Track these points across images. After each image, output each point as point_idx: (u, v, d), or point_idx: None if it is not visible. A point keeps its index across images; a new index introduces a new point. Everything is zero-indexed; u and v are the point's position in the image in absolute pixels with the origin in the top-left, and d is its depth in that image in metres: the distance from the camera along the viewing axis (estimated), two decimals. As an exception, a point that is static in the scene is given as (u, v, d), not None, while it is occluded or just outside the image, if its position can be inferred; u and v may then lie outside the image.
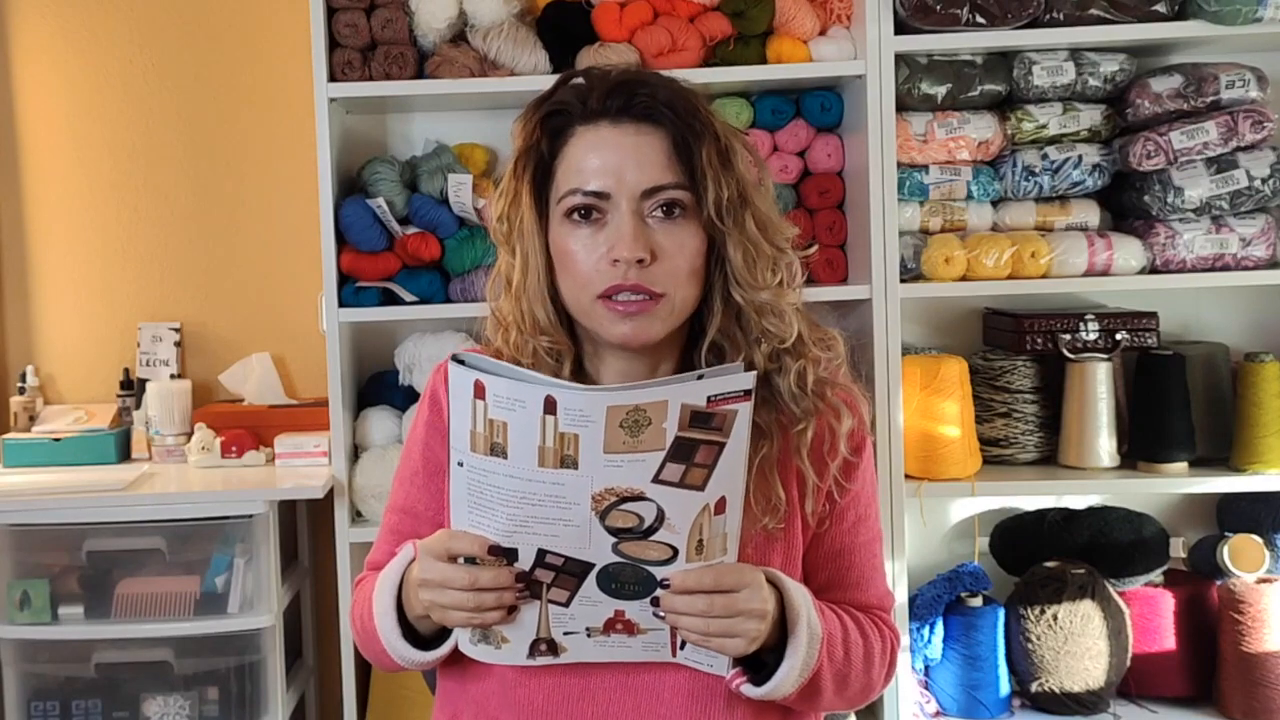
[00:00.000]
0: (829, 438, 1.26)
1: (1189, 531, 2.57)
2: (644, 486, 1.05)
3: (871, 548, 1.33)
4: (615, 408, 1.02)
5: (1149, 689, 2.45)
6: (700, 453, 1.05)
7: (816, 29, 2.45)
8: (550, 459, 1.05)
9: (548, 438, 1.04)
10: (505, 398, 1.04)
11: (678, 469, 1.05)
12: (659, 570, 1.10)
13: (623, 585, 1.11)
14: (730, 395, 1.03)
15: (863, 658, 1.26)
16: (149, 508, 2.34)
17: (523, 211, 1.23)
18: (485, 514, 1.10)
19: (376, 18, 2.41)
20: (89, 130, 2.81)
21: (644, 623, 1.13)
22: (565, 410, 1.03)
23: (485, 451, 1.07)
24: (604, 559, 1.09)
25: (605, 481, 1.05)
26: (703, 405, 1.03)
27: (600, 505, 1.06)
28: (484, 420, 1.06)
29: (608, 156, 1.19)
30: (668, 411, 1.02)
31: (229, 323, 2.83)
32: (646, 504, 1.06)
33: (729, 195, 1.19)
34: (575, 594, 1.12)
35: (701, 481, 1.06)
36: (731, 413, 1.04)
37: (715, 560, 1.10)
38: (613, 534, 1.08)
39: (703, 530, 1.08)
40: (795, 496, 1.26)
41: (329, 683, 2.76)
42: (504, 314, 1.26)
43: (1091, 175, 2.44)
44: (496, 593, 1.11)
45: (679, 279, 1.19)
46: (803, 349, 1.24)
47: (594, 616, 1.13)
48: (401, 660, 1.25)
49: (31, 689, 2.38)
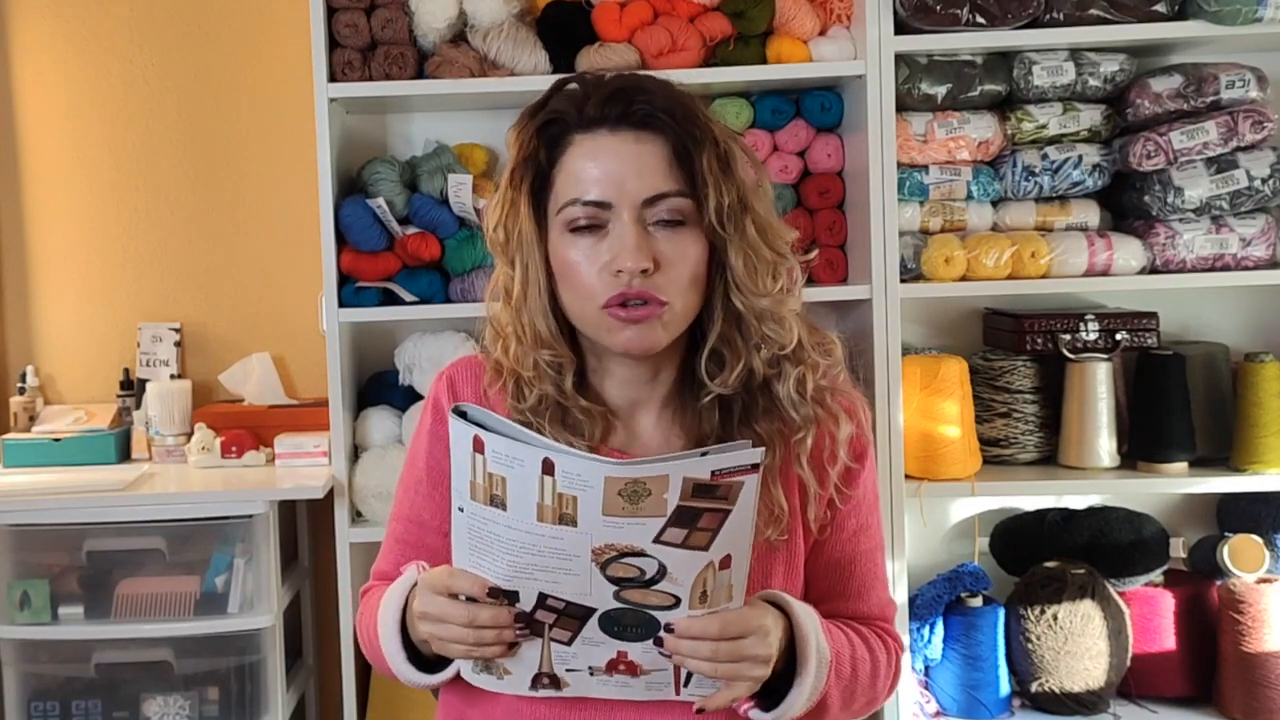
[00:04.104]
0: (829, 445, 1.26)
1: (1189, 531, 2.57)
2: (644, 545, 1.04)
3: (873, 557, 1.32)
4: (613, 479, 1.01)
5: (1149, 689, 2.45)
6: (704, 519, 1.03)
7: (816, 29, 2.45)
8: (549, 516, 1.04)
9: (546, 496, 1.03)
10: (504, 455, 1.03)
11: (680, 533, 1.03)
12: (662, 615, 1.08)
13: (625, 628, 1.09)
14: (736, 470, 1.02)
15: (869, 673, 1.25)
16: (149, 508, 2.34)
17: (521, 223, 1.21)
18: (486, 558, 1.09)
19: (376, 18, 2.40)
20: (89, 130, 2.81)
21: (646, 664, 1.12)
22: (563, 473, 1.02)
23: (485, 502, 1.06)
24: (605, 604, 1.08)
25: (604, 539, 1.04)
26: (706, 479, 1.01)
27: (601, 558, 1.05)
28: (483, 473, 1.05)
29: (608, 165, 1.17)
30: (669, 484, 1.01)
31: (229, 323, 2.83)
32: (648, 560, 1.05)
33: (730, 202, 1.18)
34: (577, 635, 1.11)
35: (706, 543, 1.04)
36: (738, 484, 1.02)
37: (720, 608, 1.09)
38: (614, 583, 1.06)
39: (707, 584, 1.07)
40: (797, 505, 1.26)
41: (329, 683, 2.76)
42: (502, 325, 1.25)
43: (1091, 175, 2.43)
44: (496, 630, 1.10)
45: (682, 286, 1.18)
46: (802, 355, 1.23)
47: (596, 656, 1.12)
48: (406, 681, 1.24)
49: (31, 689, 2.38)
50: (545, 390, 1.23)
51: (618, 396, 1.27)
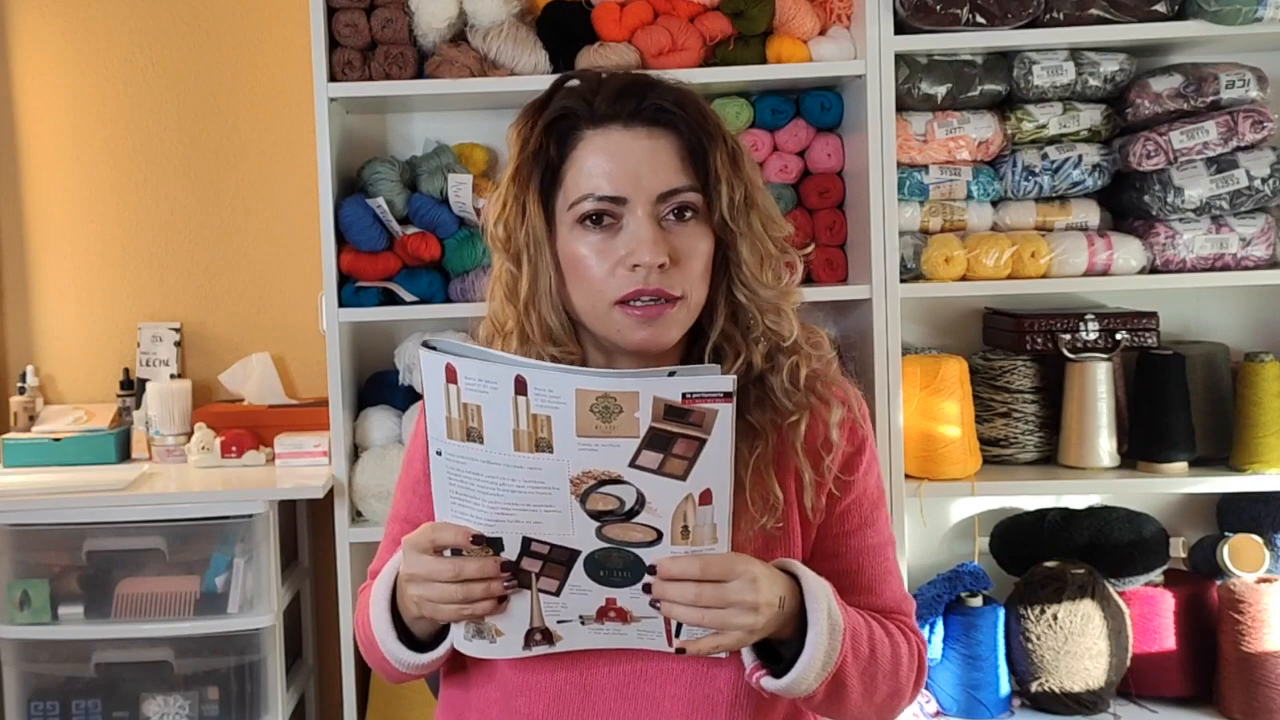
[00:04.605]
0: (823, 430, 1.26)
1: (1189, 531, 2.57)
2: (621, 470, 1.05)
3: (883, 551, 1.32)
4: (584, 391, 1.02)
5: (1149, 689, 2.45)
6: (678, 444, 1.04)
7: (816, 29, 2.45)
8: (525, 443, 1.05)
9: (521, 420, 1.04)
10: (477, 379, 1.04)
11: (655, 457, 1.05)
12: (645, 553, 1.09)
13: (611, 572, 1.11)
14: (708, 395, 1.03)
15: (890, 658, 1.23)
16: (149, 508, 2.34)
17: (529, 219, 1.20)
18: (467, 504, 1.09)
19: (376, 18, 2.40)
20: (89, 130, 2.81)
21: (636, 610, 1.13)
22: (535, 390, 1.03)
23: (462, 437, 1.06)
24: (588, 545, 1.09)
25: (581, 465, 1.05)
26: (677, 401, 1.03)
27: (579, 489, 1.06)
28: (458, 405, 1.05)
29: (622, 160, 1.18)
30: (639, 402, 1.02)
31: (229, 323, 2.83)
32: (625, 487, 1.06)
33: (740, 197, 1.20)
34: (565, 582, 1.12)
35: (682, 472, 1.06)
36: (711, 412, 1.03)
37: (704, 548, 1.09)
38: (594, 518, 1.08)
39: (687, 517, 1.08)
40: (793, 494, 1.26)
41: (329, 683, 2.76)
42: (504, 322, 1.24)
43: (1091, 175, 2.43)
44: (484, 583, 1.10)
45: (695, 281, 1.19)
46: (796, 347, 1.24)
47: (586, 605, 1.13)
48: (400, 664, 1.24)
49: (31, 689, 2.38)
50: None
51: None
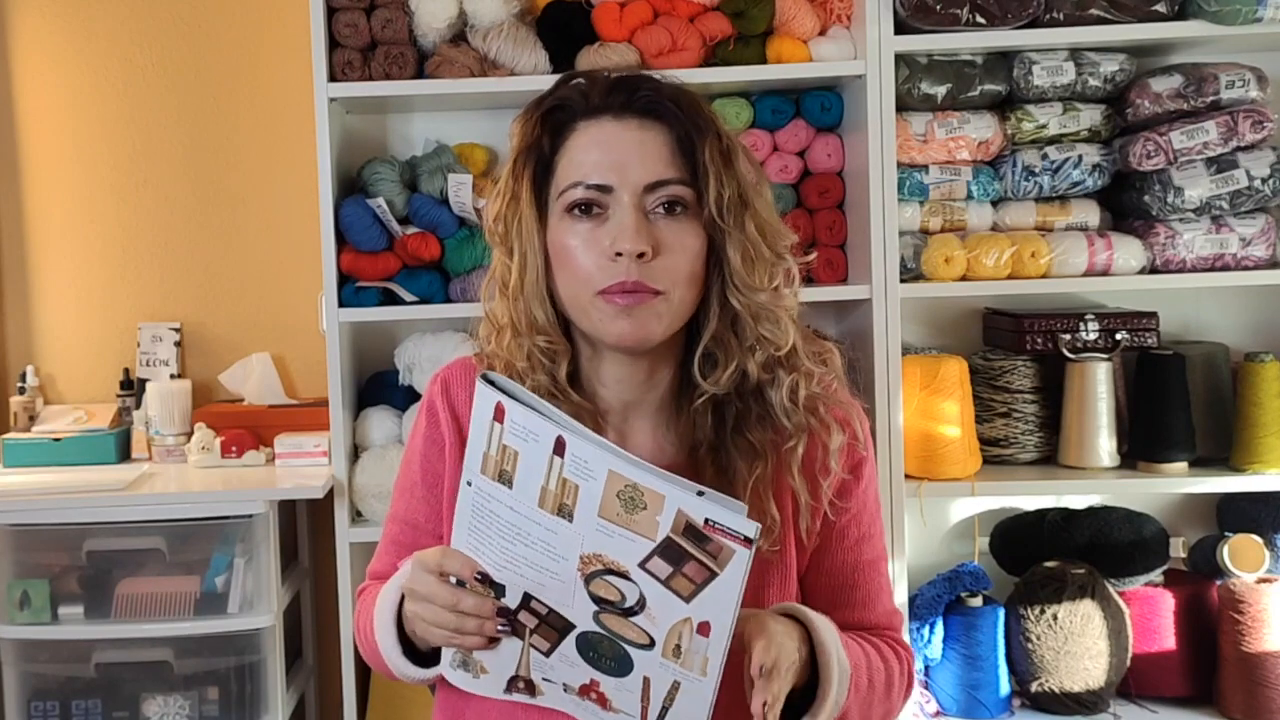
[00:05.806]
0: (821, 455, 1.25)
1: (1189, 531, 2.57)
2: (630, 567, 1.05)
3: (877, 566, 1.32)
4: (615, 475, 1.02)
5: (1149, 689, 2.45)
6: (690, 566, 1.03)
7: (816, 29, 2.45)
8: (550, 502, 1.05)
9: (552, 479, 1.04)
10: (521, 427, 1.04)
11: (665, 567, 1.04)
12: (636, 654, 1.08)
13: (600, 658, 1.10)
14: (728, 531, 1.02)
15: (885, 684, 1.25)
16: (149, 508, 2.34)
17: (522, 209, 1.21)
18: (482, 541, 1.09)
19: (376, 18, 2.40)
20: (89, 130, 2.81)
21: (617, 701, 1.12)
22: (572, 456, 1.03)
23: (494, 476, 1.06)
24: (584, 624, 1.09)
25: (595, 546, 1.05)
26: (699, 524, 1.02)
27: (586, 568, 1.06)
28: (498, 445, 1.06)
29: (611, 150, 1.18)
30: (663, 507, 1.02)
31: (229, 323, 2.83)
32: (631, 585, 1.05)
33: (730, 194, 1.18)
34: (556, 648, 1.11)
35: (688, 594, 1.04)
36: (729, 550, 1.02)
37: (691, 674, 1.08)
38: (595, 602, 1.07)
39: (682, 638, 1.06)
40: (789, 516, 1.25)
41: (329, 683, 2.76)
42: (498, 317, 1.25)
43: (1091, 175, 2.43)
44: (478, 620, 1.10)
45: (678, 277, 1.18)
46: (796, 361, 1.23)
47: (572, 676, 1.12)
48: (401, 676, 1.24)
49: (31, 689, 2.38)
50: (539, 380, 1.22)
51: (611, 397, 1.26)
